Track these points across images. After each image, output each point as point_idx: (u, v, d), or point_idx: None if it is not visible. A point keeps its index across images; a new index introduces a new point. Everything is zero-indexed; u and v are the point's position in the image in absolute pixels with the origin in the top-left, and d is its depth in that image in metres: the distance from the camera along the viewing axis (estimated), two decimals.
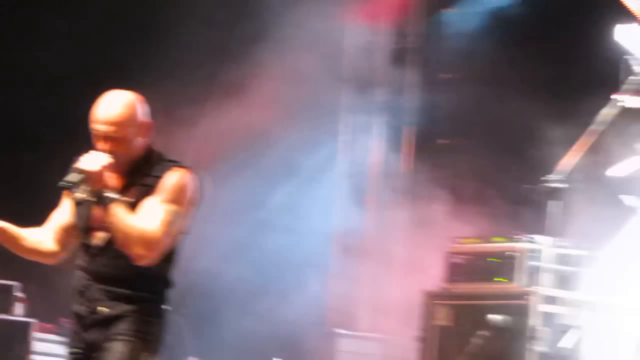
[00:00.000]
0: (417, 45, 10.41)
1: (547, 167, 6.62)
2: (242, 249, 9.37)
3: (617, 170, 6.94)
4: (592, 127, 6.57)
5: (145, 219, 4.44)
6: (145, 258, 4.45)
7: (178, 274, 4.71)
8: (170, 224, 4.44)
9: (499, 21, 9.54)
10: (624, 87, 6.61)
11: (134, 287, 4.54)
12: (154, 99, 4.82)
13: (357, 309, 10.23)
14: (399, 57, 10.42)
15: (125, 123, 4.53)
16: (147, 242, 4.40)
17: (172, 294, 4.64)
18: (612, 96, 6.63)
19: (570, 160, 6.51)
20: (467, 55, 9.68)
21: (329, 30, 9.92)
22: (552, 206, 6.44)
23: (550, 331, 7.25)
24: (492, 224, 8.89)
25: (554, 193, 6.46)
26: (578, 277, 7.77)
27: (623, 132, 7.15)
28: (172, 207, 4.45)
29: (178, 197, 4.49)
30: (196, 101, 9.27)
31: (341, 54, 10.37)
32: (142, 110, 4.59)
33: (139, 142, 4.58)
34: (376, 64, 10.49)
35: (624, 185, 7.15)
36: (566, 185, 6.40)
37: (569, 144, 6.59)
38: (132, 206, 4.48)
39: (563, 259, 7.76)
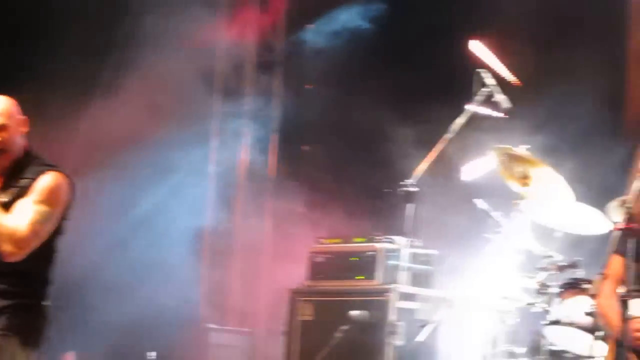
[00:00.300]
0: (282, 58, 10.45)
1: (405, 172, 6.62)
2: (118, 248, 9.23)
3: (468, 174, 6.96)
4: (446, 135, 6.59)
5: (16, 218, 4.41)
6: (13, 255, 4.41)
7: (56, 271, 4.68)
8: (39, 223, 4.43)
9: (358, 36, 9.62)
10: (476, 98, 6.66)
11: (11, 283, 4.48)
12: (28, 103, 4.72)
13: (227, 305, 10.16)
14: (265, 69, 10.44)
15: (11, 112, 4.54)
16: (16, 240, 4.38)
17: (50, 290, 4.61)
18: (466, 106, 6.67)
19: (425, 165, 6.52)
20: (329, 67, 9.73)
21: (202, 40, 9.84)
22: (409, 209, 6.43)
23: (407, 326, 7.25)
24: (353, 225, 8.94)
25: (410, 196, 6.45)
26: (432, 275, 7.84)
27: (473, 139, 7.22)
28: (43, 208, 4.44)
29: (50, 199, 4.47)
30: (72, 105, 9.03)
31: (213, 63, 10.31)
32: (17, 107, 4.62)
33: (20, 141, 4.56)
34: (245, 74, 10.46)
35: (477, 189, 7.21)
36: (420, 189, 6.38)
37: (425, 150, 6.60)
38: (6, 206, 4.45)
39: (418, 258, 7.83)
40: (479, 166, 7.14)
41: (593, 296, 4.72)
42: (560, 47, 8.42)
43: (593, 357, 5.98)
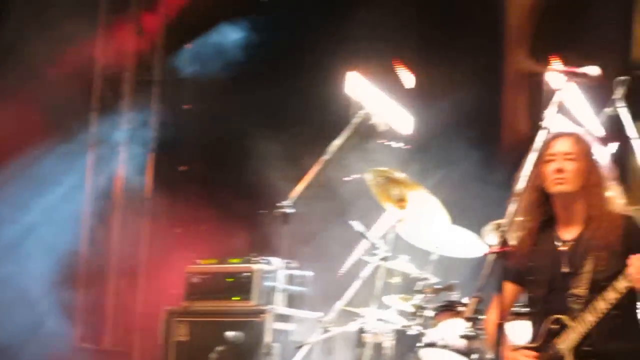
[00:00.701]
0: (160, 77, 10.15)
1: (281, 193, 6.38)
2: None
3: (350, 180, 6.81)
4: (323, 158, 6.38)
5: None
6: None
7: None
8: None
9: (234, 56, 9.45)
10: (351, 125, 6.49)
11: None
12: None
13: (103, 325, 9.84)
14: (143, 88, 10.10)
15: None
16: None
17: None
18: (345, 128, 6.50)
19: (301, 187, 6.29)
20: (206, 86, 9.54)
21: (80, 58, 9.58)
22: (285, 230, 6.20)
23: (282, 347, 7.10)
24: (229, 246, 8.73)
25: (286, 218, 6.22)
26: (307, 297, 7.66)
27: (350, 161, 7.14)
28: None
29: None
30: None
31: (90, 81, 10.01)
32: None
33: None
34: (122, 93, 10.11)
35: (353, 210, 7.16)
36: (296, 211, 6.16)
37: (302, 172, 6.39)
38: None
39: (294, 280, 7.64)
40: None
41: (468, 319, 4.53)
42: (436, 68, 8.39)
43: None
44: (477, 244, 6.65)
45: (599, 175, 4.58)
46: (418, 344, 6.41)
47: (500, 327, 4.24)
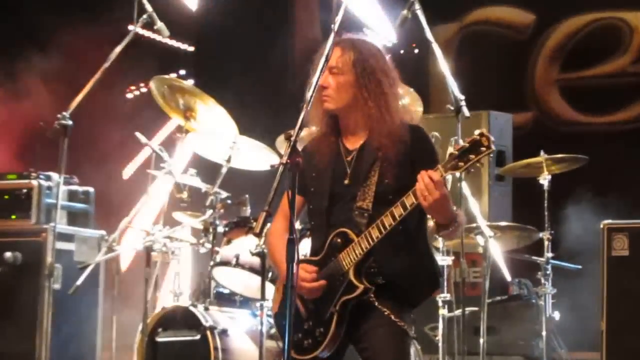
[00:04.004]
0: None
1: (56, 104, 5.95)
2: None
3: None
4: (104, 64, 5.96)
5: None
6: None
7: None
8: None
9: None
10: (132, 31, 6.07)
11: None
12: None
13: None
14: None
15: None
16: None
17: None
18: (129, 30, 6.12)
19: (81, 96, 5.86)
20: None
21: None
22: (64, 144, 5.78)
23: (65, 268, 6.75)
24: (4, 161, 8.34)
25: (65, 130, 5.81)
26: (90, 214, 7.30)
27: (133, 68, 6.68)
28: None
29: None
30: None
31: None
32: None
33: None
34: None
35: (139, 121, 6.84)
36: (74, 123, 5.76)
37: (83, 81, 5.98)
38: None
39: (76, 196, 7.28)
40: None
41: (257, 235, 4.29)
42: None
43: (264, 300, 5.94)
44: (268, 156, 6.50)
45: (376, 84, 4.32)
46: (211, 263, 6.29)
47: (288, 243, 3.98)
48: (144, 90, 7.04)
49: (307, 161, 4.30)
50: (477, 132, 3.96)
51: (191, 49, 8.95)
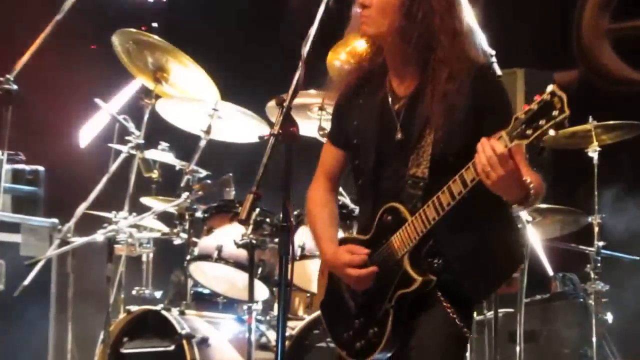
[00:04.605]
0: None
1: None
2: None
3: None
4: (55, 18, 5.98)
5: None
6: None
7: None
8: None
9: None
10: None
11: None
12: None
13: None
14: None
15: None
16: None
17: None
18: None
19: (27, 57, 5.87)
20: None
21: None
22: (6, 113, 5.81)
23: (10, 264, 6.90)
24: None
25: (8, 97, 5.84)
26: (40, 199, 7.33)
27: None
28: None
29: None
30: None
31: None
32: None
33: None
34: None
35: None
36: (20, 89, 5.78)
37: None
38: None
39: (22, 177, 7.43)
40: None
41: (243, 222, 4.28)
42: None
43: (252, 302, 5.97)
44: (257, 126, 6.54)
45: (429, 6, 4.18)
46: (187, 257, 6.34)
47: (282, 231, 3.97)
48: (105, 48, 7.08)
49: (348, 104, 4.30)
50: (549, 88, 3.78)
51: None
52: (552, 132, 3.76)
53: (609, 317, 6.63)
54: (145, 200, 6.68)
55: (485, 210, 4.14)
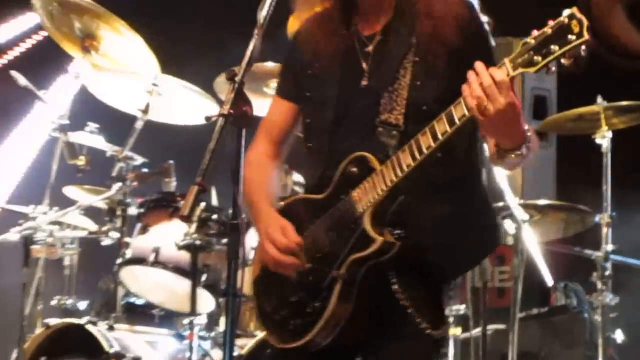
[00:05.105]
0: None
1: None
2: None
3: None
4: None
5: None
6: None
7: None
8: None
9: None
10: None
11: None
12: None
13: None
14: None
15: None
16: None
17: None
18: None
19: None
20: None
21: None
22: None
23: None
24: None
25: None
26: None
27: None
28: None
29: None
30: None
31: None
32: None
33: None
34: None
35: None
36: None
37: None
38: None
39: None
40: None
41: (186, 219, 4.25)
42: None
43: (194, 315, 6.00)
44: (203, 104, 6.58)
45: None
46: (117, 261, 6.35)
47: (231, 229, 3.94)
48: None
49: (300, 51, 4.29)
50: (566, 11, 3.74)
51: None
52: (564, 61, 3.74)
53: (619, 335, 6.65)
54: (69, 190, 6.66)
55: (461, 177, 4.16)
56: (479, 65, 3.83)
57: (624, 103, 6.67)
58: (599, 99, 6.64)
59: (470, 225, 4.18)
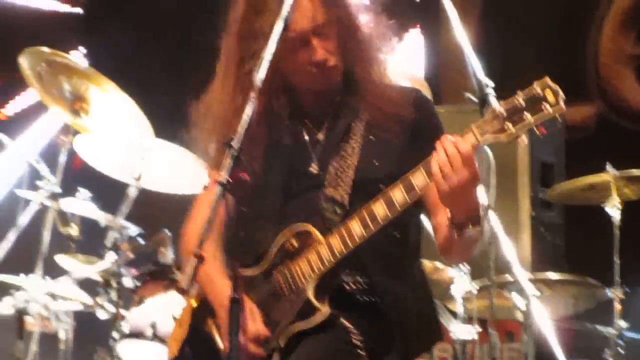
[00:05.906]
0: None
1: None
2: None
3: None
4: None
5: None
6: None
7: None
8: None
9: None
10: None
11: None
12: None
13: None
14: None
15: None
16: None
17: None
18: None
19: None
20: None
21: None
22: None
23: None
24: None
25: None
26: None
27: None
28: None
29: None
30: None
31: None
32: None
33: None
34: None
35: None
36: None
37: None
38: None
39: None
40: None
41: (186, 292, 4.25)
42: None
43: None
44: (198, 170, 6.44)
45: (362, 38, 4.34)
46: (114, 334, 6.33)
47: (232, 303, 3.94)
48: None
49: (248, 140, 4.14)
50: (538, 82, 3.83)
51: (79, 11, 9.07)
52: (536, 129, 3.79)
53: None
54: (61, 260, 6.65)
55: (412, 254, 4.27)
56: (445, 138, 3.87)
57: (636, 172, 6.64)
58: (608, 167, 6.62)
59: (419, 306, 4.26)
